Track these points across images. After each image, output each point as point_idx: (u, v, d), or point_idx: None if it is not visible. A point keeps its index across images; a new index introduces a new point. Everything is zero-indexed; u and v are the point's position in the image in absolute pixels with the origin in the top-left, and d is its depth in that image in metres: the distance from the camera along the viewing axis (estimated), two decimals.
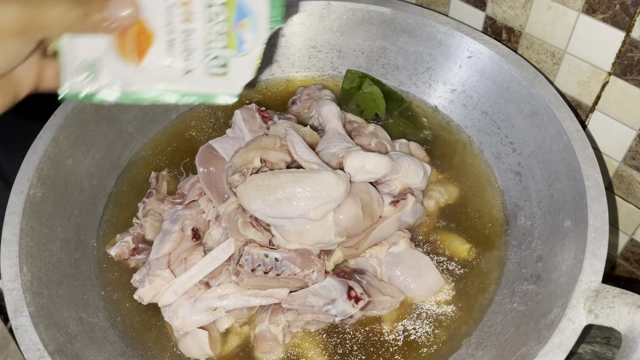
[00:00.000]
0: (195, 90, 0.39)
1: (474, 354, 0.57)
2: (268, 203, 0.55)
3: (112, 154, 0.76)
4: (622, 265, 0.82)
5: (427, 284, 0.62)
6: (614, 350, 0.62)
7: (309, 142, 0.63)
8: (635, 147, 0.68)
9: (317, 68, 0.87)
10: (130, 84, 0.38)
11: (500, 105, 0.74)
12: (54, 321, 0.57)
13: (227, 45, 0.39)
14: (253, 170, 0.58)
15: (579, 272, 0.52)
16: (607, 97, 0.67)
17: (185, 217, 0.64)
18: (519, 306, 0.58)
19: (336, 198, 0.55)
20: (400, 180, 0.64)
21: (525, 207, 0.67)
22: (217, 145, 0.65)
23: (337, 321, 0.57)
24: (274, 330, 0.58)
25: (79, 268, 0.65)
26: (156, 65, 0.38)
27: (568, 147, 0.62)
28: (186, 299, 0.59)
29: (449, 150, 0.76)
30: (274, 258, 0.57)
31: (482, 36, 0.75)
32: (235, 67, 0.39)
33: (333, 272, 0.60)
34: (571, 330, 0.49)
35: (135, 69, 0.38)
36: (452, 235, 0.67)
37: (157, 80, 0.38)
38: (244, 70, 0.40)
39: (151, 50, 0.38)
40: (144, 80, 0.38)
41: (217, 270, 0.59)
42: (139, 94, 0.38)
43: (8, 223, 0.60)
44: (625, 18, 0.60)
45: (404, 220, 0.63)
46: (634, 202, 0.73)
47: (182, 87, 0.39)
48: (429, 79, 0.81)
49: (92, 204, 0.71)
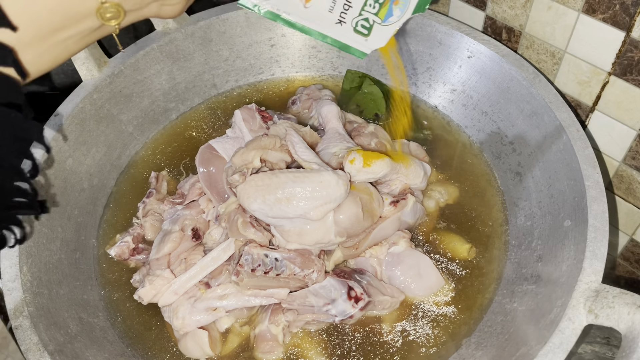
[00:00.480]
0: (337, 38, 0.45)
1: (474, 354, 0.57)
2: (268, 203, 0.55)
3: (112, 154, 0.76)
4: (622, 265, 0.82)
5: (427, 284, 0.62)
6: (614, 350, 0.62)
7: (309, 142, 0.63)
8: (635, 147, 0.68)
9: (317, 68, 0.87)
10: (292, 13, 0.43)
11: (500, 105, 0.74)
12: (54, 321, 0.56)
13: (377, 13, 0.45)
14: (253, 170, 0.58)
15: (579, 272, 0.52)
16: (607, 97, 0.67)
17: (185, 217, 0.64)
18: (519, 306, 0.58)
19: (336, 198, 0.55)
20: (400, 180, 0.64)
21: (525, 207, 0.67)
22: (217, 145, 0.65)
23: (337, 321, 0.57)
24: (274, 330, 0.58)
25: (79, 268, 0.65)
26: (319, 7, 0.43)
27: (568, 147, 0.62)
28: (186, 299, 0.59)
29: (449, 150, 0.76)
30: (274, 258, 0.57)
31: (482, 36, 0.75)
32: (376, 32, 0.46)
33: (333, 272, 0.60)
34: (571, 330, 0.49)
35: (302, 3, 0.43)
36: (452, 235, 0.67)
37: (313, 19, 0.44)
38: (380, 37, 0.46)
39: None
40: (304, 16, 0.43)
41: (217, 270, 0.59)
42: (293, 23, 0.44)
43: None
44: (625, 18, 0.60)
45: (404, 220, 0.63)
46: (634, 202, 0.73)
47: (329, 32, 0.45)
48: (429, 79, 0.81)
49: (92, 204, 0.71)
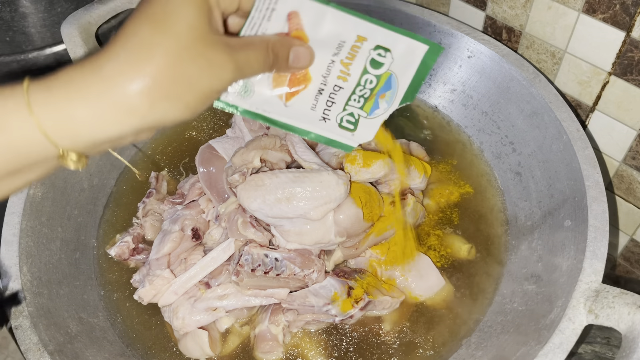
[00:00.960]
0: (322, 134, 0.44)
1: (474, 354, 0.57)
2: (268, 203, 0.55)
3: (112, 153, 0.76)
4: (622, 265, 0.82)
5: (427, 284, 0.62)
6: (614, 350, 0.62)
7: (309, 142, 0.63)
8: (636, 147, 0.68)
9: None
10: (272, 111, 0.42)
11: (500, 105, 0.73)
12: (54, 321, 0.56)
13: (363, 107, 0.43)
14: (253, 170, 0.58)
15: (579, 272, 0.52)
16: (607, 97, 0.67)
17: (185, 217, 0.64)
18: (519, 306, 0.58)
19: (336, 198, 0.55)
20: (400, 180, 0.64)
21: (525, 207, 0.67)
22: (217, 145, 0.65)
23: (337, 321, 0.57)
24: (274, 330, 0.58)
25: (79, 268, 0.65)
26: (300, 106, 0.42)
27: (568, 147, 0.62)
28: (186, 299, 0.59)
29: (449, 150, 0.76)
30: (274, 258, 0.57)
31: (482, 36, 0.75)
32: (363, 125, 0.44)
33: (333, 272, 0.60)
34: (571, 331, 0.49)
35: (282, 103, 0.42)
36: (452, 235, 0.67)
37: (296, 117, 0.42)
38: (367, 131, 0.45)
39: (302, 92, 0.42)
40: (284, 114, 0.42)
41: (217, 270, 0.59)
42: (275, 121, 0.42)
43: (8, 223, 0.60)
44: (625, 18, 0.60)
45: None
46: (634, 202, 0.73)
47: (313, 129, 0.43)
48: (429, 79, 0.81)
49: (92, 204, 0.71)
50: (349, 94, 0.43)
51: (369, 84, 0.42)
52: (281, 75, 0.41)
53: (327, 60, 0.41)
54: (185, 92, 0.33)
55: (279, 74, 0.41)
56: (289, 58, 0.39)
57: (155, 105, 0.32)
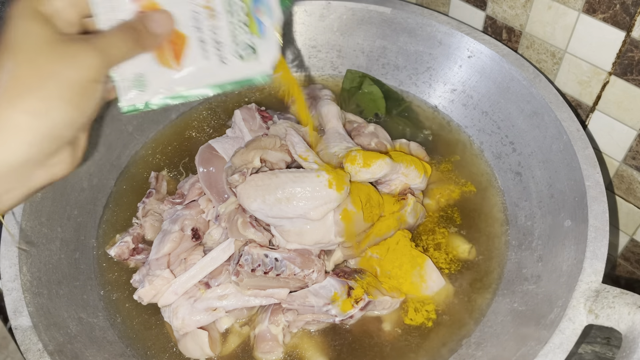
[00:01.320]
0: (233, 78, 0.43)
1: (474, 354, 0.57)
2: (268, 203, 0.55)
3: (112, 154, 0.76)
4: (622, 265, 0.82)
5: (427, 284, 0.62)
6: (614, 350, 0.62)
7: (309, 142, 0.63)
8: (636, 147, 0.68)
9: (317, 68, 0.87)
10: (175, 86, 0.42)
11: (500, 105, 0.73)
12: (53, 321, 0.56)
13: (251, 32, 0.43)
14: (253, 170, 0.58)
15: (579, 272, 0.52)
16: (608, 97, 0.67)
17: (185, 217, 0.64)
18: (519, 306, 0.58)
19: (336, 198, 0.55)
20: (400, 180, 0.64)
21: (525, 207, 0.67)
22: (217, 145, 0.65)
23: (337, 321, 0.57)
24: (274, 330, 0.58)
25: (79, 268, 0.65)
26: (194, 64, 0.42)
27: (568, 147, 0.62)
28: (186, 299, 0.59)
29: (449, 150, 0.76)
30: (274, 258, 0.56)
31: (482, 36, 0.75)
32: (262, 48, 0.44)
33: (333, 272, 0.60)
34: (571, 331, 0.49)
35: (177, 72, 0.42)
36: (452, 235, 0.67)
37: (198, 77, 0.42)
38: (269, 50, 0.44)
39: (187, 52, 0.42)
40: (187, 81, 0.42)
41: (217, 270, 0.59)
42: (185, 94, 0.42)
43: (8, 223, 0.60)
44: (625, 18, 0.60)
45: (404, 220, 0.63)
46: (634, 202, 0.73)
47: (221, 78, 0.43)
48: (429, 79, 0.81)
49: (92, 204, 0.71)
50: (228, 27, 0.43)
51: (238, 8, 0.42)
52: (160, 52, 0.41)
53: (187, 10, 0.41)
54: (55, 86, 0.34)
55: (158, 53, 0.41)
56: (150, 28, 0.40)
57: (35, 111, 0.33)
